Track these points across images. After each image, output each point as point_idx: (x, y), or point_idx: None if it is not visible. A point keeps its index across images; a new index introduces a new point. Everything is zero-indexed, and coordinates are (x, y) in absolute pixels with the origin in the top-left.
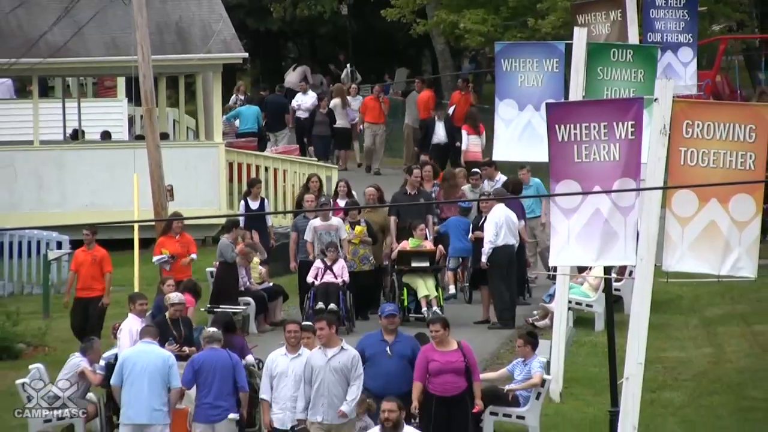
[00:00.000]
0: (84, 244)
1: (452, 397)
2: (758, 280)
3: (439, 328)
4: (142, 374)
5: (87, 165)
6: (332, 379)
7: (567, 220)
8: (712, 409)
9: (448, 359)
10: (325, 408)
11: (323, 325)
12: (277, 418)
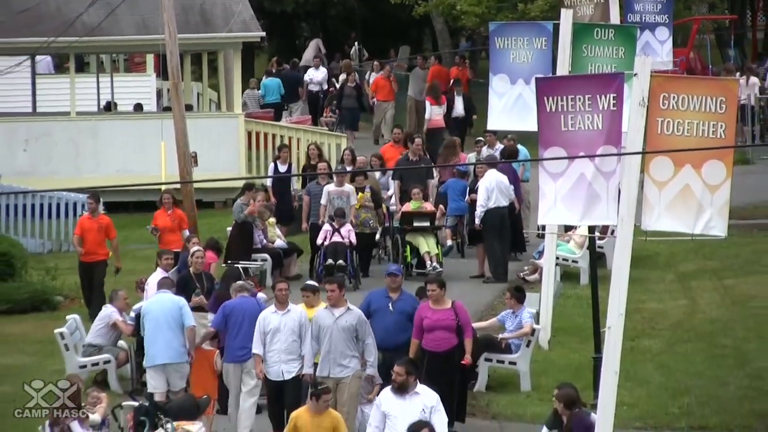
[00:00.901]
0: (89, 211)
1: (443, 352)
2: (728, 238)
3: (435, 288)
4: (159, 320)
5: (119, 134)
6: (340, 337)
7: (554, 184)
8: (687, 355)
9: (440, 317)
10: (332, 363)
11: (334, 287)
12: (273, 370)
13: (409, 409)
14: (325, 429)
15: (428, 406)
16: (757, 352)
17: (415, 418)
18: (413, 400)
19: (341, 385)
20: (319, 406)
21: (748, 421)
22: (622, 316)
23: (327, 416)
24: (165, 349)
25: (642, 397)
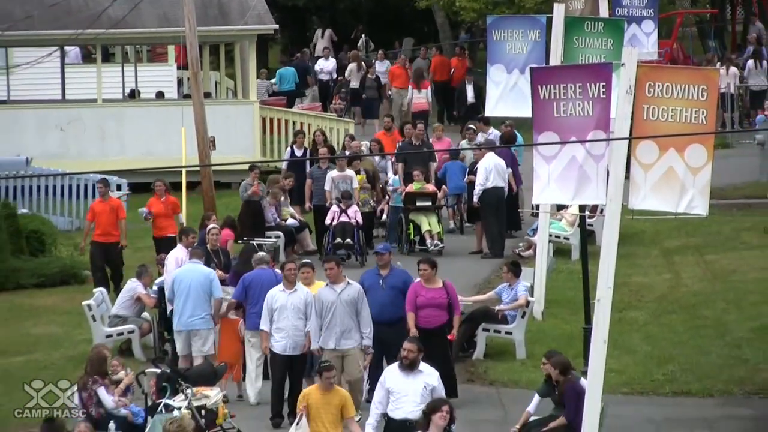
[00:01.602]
0: (100, 195)
1: (433, 328)
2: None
3: (427, 268)
4: (189, 288)
5: (142, 120)
6: (343, 310)
7: (547, 166)
8: (671, 326)
9: (433, 296)
10: (338, 336)
11: (332, 265)
12: (279, 345)
13: (413, 386)
14: (334, 406)
15: (429, 384)
16: (736, 322)
17: (418, 395)
18: (417, 377)
19: (347, 357)
20: (325, 384)
21: (727, 387)
22: (610, 289)
23: (335, 394)
24: (192, 317)
25: (629, 365)
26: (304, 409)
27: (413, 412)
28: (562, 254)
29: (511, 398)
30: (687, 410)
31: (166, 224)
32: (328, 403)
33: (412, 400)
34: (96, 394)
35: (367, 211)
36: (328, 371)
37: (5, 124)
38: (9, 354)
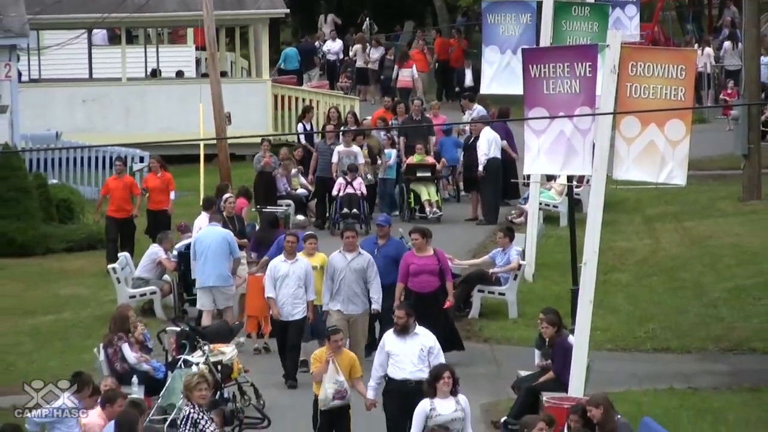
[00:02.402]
0: (116, 173)
1: (426, 293)
2: (687, 186)
3: (418, 237)
4: (208, 248)
5: (163, 97)
6: (352, 277)
7: (537, 139)
8: (651, 287)
9: (424, 263)
10: (345, 301)
11: (353, 234)
12: (281, 311)
13: (410, 348)
14: (343, 366)
15: (426, 346)
16: (712, 284)
17: (415, 357)
18: (413, 340)
19: (353, 321)
20: (333, 347)
21: (704, 344)
22: (595, 253)
23: (344, 356)
24: (213, 275)
25: (613, 323)
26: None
27: (412, 373)
28: (551, 221)
29: (504, 354)
30: (667, 365)
31: (160, 199)
32: (339, 365)
33: (410, 362)
34: (120, 350)
35: (368, 184)
36: (335, 334)
37: (37, 101)
38: (40, 313)
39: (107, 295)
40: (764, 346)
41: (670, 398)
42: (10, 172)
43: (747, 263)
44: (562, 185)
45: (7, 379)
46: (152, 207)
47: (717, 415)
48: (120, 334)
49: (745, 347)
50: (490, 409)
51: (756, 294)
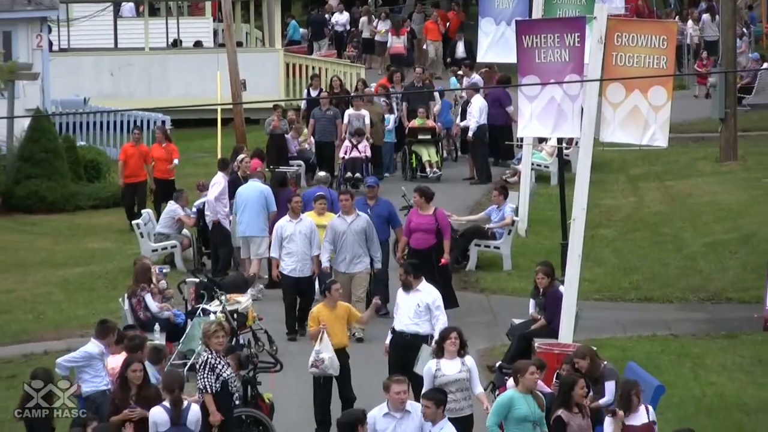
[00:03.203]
0: (133, 140)
1: (422, 249)
2: (669, 148)
3: (417, 196)
4: (247, 202)
5: (183, 65)
6: (352, 239)
7: (530, 104)
8: (635, 241)
9: (422, 221)
10: (347, 261)
11: (348, 197)
12: (291, 268)
13: (408, 303)
14: (341, 317)
15: (423, 302)
16: (691, 239)
17: (411, 311)
18: (413, 296)
19: (355, 279)
20: (333, 297)
21: (684, 294)
22: (584, 210)
23: (341, 307)
24: (251, 226)
25: (600, 275)
26: (324, 327)
27: (407, 326)
28: (542, 180)
29: (499, 304)
30: (649, 314)
31: (165, 167)
32: (337, 316)
33: (407, 315)
34: (143, 300)
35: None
36: (335, 284)
37: (66, 69)
38: (69, 266)
39: (131, 249)
40: (739, 296)
41: (652, 344)
42: (41, 134)
43: (724, 219)
44: (553, 147)
45: (38, 326)
46: (157, 176)
47: (696, 360)
48: (143, 285)
49: (721, 297)
50: (485, 355)
51: (732, 248)
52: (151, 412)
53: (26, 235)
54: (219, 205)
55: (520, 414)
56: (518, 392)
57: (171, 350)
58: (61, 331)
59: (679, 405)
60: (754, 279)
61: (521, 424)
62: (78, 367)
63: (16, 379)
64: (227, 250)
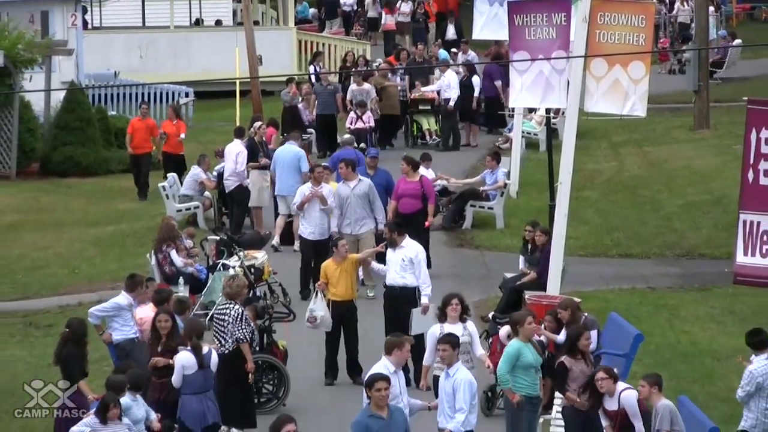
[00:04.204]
0: (140, 114)
1: (408, 213)
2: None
3: (404, 164)
4: (284, 162)
5: (205, 42)
6: (356, 202)
7: (521, 78)
8: (616, 202)
9: (409, 187)
10: (353, 223)
11: (343, 165)
12: (309, 231)
13: (395, 258)
14: (347, 271)
15: (407, 257)
16: (667, 200)
17: (398, 266)
18: (399, 252)
19: (361, 241)
20: (339, 252)
21: (661, 250)
22: (569, 174)
23: (347, 261)
24: (286, 184)
25: (584, 233)
26: (321, 286)
27: (395, 279)
28: (532, 147)
29: (493, 259)
30: (629, 269)
31: (174, 142)
32: (344, 270)
33: (395, 270)
34: (169, 256)
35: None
36: (341, 240)
37: (98, 46)
38: (101, 224)
39: (158, 209)
40: (711, 252)
41: (632, 296)
42: (75, 105)
43: (697, 183)
44: (542, 116)
45: (73, 280)
46: (167, 150)
47: (672, 311)
48: (168, 241)
49: (695, 253)
50: (480, 306)
51: (704, 209)
52: (179, 356)
53: (62, 196)
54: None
55: (527, 361)
56: (521, 341)
57: (194, 302)
58: (93, 284)
59: (656, 352)
60: (725, 237)
61: (527, 370)
62: (108, 316)
63: (53, 328)
64: (242, 210)
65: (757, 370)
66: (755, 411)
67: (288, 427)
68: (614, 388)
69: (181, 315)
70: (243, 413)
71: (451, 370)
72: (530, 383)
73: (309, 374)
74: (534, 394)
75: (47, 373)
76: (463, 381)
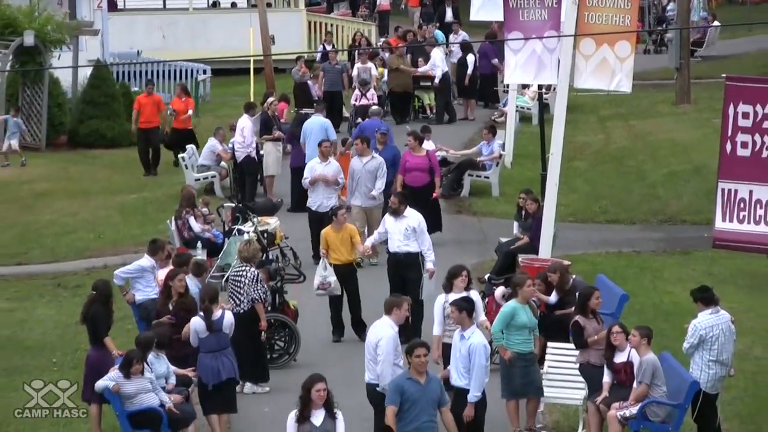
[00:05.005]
0: (146, 91)
1: (418, 186)
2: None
3: (410, 139)
4: (312, 132)
5: (221, 22)
6: (366, 176)
7: (515, 56)
8: (604, 172)
9: (417, 161)
10: (361, 196)
11: (359, 141)
12: (317, 204)
13: (399, 227)
14: (344, 239)
15: (411, 226)
16: (651, 170)
17: (401, 234)
18: (402, 221)
19: (369, 212)
20: (338, 221)
21: (645, 217)
22: (560, 146)
23: (345, 229)
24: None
25: (574, 200)
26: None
27: (399, 246)
28: (525, 120)
29: (489, 225)
30: (616, 234)
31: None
32: (342, 237)
33: (397, 238)
34: (188, 222)
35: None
36: (340, 209)
37: (122, 26)
38: (125, 193)
39: (177, 178)
40: (692, 218)
41: (618, 259)
42: (101, 81)
43: (679, 153)
44: (534, 92)
45: (99, 244)
46: (176, 125)
47: (655, 273)
48: (187, 209)
49: (677, 219)
50: (477, 268)
51: (686, 178)
52: (192, 321)
53: (88, 167)
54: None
55: (521, 322)
56: (518, 303)
57: (211, 264)
58: (118, 248)
59: (640, 311)
60: (705, 204)
61: (520, 330)
62: (132, 278)
63: (80, 289)
64: (253, 179)
65: (701, 324)
66: (699, 362)
67: (319, 385)
68: (625, 343)
69: (198, 277)
70: (256, 368)
71: (466, 332)
72: (523, 341)
73: (318, 332)
74: (526, 350)
75: (75, 330)
76: (478, 346)
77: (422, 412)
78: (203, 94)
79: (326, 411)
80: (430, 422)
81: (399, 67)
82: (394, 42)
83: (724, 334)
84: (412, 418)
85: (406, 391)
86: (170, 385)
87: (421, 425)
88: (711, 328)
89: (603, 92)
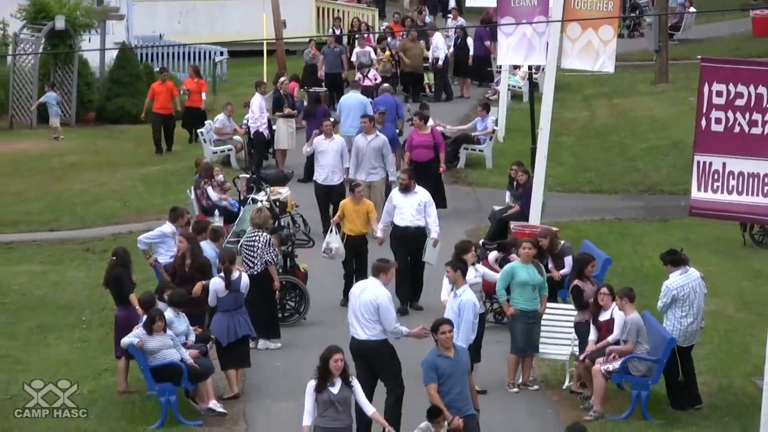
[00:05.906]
0: (160, 79)
1: (423, 162)
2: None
3: (416, 119)
4: (350, 107)
5: (236, 8)
6: (371, 154)
7: (507, 39)
8: (589, 146)
9: (422, 139)
10: (366, 172)
11: (366, 120)
12: (321, 177)
13: (410, 203)
14: (362, 212)
15: (422, 202)
16: (632, 145)
17: (414, 209)
18: (413, 197)
19: (372, 187)
20: (355, 196)
21: (627, 187)
22: (548, 122)
23: (363, 204)
24: (352, 126)
25: (561, 172)
26: (337, 220)
27: (411, 221)
28: (516, 98)
29: (483, 194)
30: (599, 203)
31: (195, 98)
32: (359, 210)
33: (410, 213)
34: (206, 191)
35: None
36: (358, 186)
37: (146, 12)
38: (148, 165)
39: (196, 151)
40: (670, 188)
41: (602, 226)
42: (126, 62)
43: (658, 129)
44: (525, 72)
45: (124, 212)
46: (189, 104)
47: (635, 239)
48: (205, 179)
49: (656, 190)
50: (472, 234)
51: (664, 151)
52: (212, 281)
53: (115, 141)
54: (260, 117)
55: (520, 279)
56: (519, 263)
57: (227, 230)
58: (141, 215)
59: (622, 273)
60: (682, 175)
61: (522, 287)
62: (154, 243)
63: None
64: (258, 152)
65: (672, 284)
66: (672, 319)
67: (336, 356)
68: (610, 304)
69: (216, 242)
70: (269, 326)
71: (459, 290)
72: (526, 299)
73: (326, 293)
74: (529, 308)
75: (101, 291)
76: (467, 302)
77: (456, 383)
78: (220, 74)
79: (342, 380)
80: (461, 392)
81: (409, 48)
82: (395, 27)
83: (695, 291)
84: (447, 391)
85: (439, 367)
86: (190, 341)
87: (455, 397)
88: (682, 287)
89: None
